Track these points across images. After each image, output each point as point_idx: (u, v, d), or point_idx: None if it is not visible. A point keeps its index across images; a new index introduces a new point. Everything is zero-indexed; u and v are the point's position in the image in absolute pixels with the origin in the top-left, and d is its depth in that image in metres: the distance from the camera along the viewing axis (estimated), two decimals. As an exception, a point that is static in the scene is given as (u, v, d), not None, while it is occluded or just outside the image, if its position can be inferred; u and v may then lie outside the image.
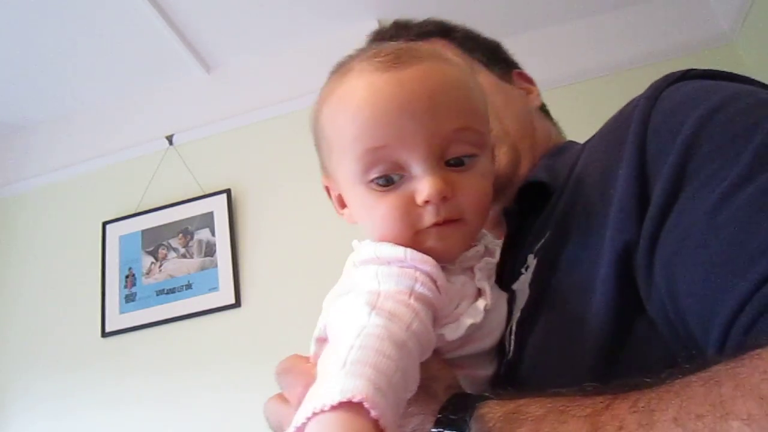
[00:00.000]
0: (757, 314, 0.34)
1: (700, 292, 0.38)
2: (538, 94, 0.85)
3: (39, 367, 2.19)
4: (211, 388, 2.00)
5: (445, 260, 0.49)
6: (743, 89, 0.47)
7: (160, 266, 2.23)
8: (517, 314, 0.53)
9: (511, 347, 0.51)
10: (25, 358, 2.22)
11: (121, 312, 2.18)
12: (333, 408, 0.33)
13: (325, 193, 0.63)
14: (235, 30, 2.40)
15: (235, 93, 2.51)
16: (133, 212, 2.33)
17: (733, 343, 0.35)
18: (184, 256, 2.23)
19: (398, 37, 0.79)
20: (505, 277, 0.59)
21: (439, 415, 0.41)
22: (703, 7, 2.57)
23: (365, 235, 0.53)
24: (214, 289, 2.14)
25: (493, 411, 0.40)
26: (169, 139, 2.45)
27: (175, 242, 2.26)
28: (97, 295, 2.22)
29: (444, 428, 0.40)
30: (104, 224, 2.33)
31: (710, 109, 0.44)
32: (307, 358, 0.54)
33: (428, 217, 0.48)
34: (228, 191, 2.27)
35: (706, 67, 0.52)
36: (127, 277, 2.24)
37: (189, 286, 2.17)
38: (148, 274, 2.23)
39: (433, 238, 0.48)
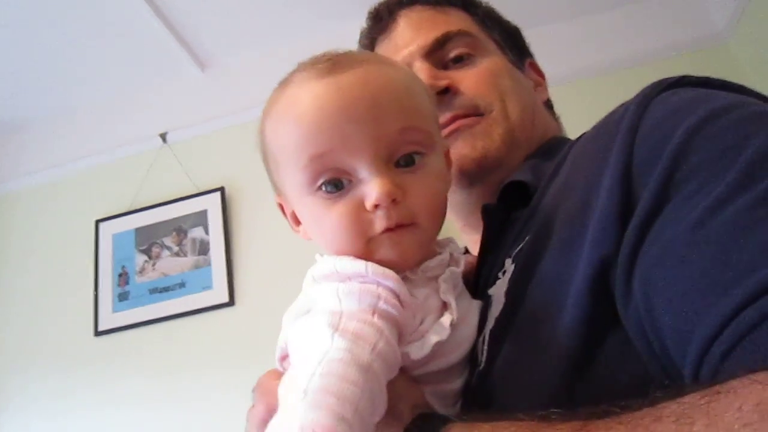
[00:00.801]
0: (736, 340, 0.32)
1: (678, 310, 0.36)
2: (546, 89, 0.85)
3: (32, 366, 2.18)
4: (205, 387, 2.00)
5: (401, 268, 0.47)
6: (736, 100, 0.46)
7: (154, 264, 2.22)
8: (491, 323, 0.51)
9: (484, 356, 0.49)
10: (18, 357, 2.21)
11: (114, 311, 2.17)
12: None
13: None
14: (230, 28, 2.39)
15: (230, 91, 2.50)
16: (126, 210, 2.32)
17: (709, 368, 0.34)
18: (177, 254, 2.22)
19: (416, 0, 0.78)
20: (482, 280, 0.58)
21: None
22: (698, 7, 2.57)
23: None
24: (208, 287, 2.13)
25: None
26: (163, 137, 2.43)
27: (168, 240, 2.25)
28: (89, 293, 2.21)
29: None
30: (97, 222, 2.32)
31: (701, 119, 0.42)
32: (278, 373, 0.52)
33: (379, 222, 0.46)
34: (222, 189, 2.27)
35: (701, 74, 0.51)
36: (120, 275, 2.23)
37: (183, 285, 2.16)
38: (141, 272, 2.22)
39: (386, 245, 0.47)
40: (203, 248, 2.20)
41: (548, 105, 0.85)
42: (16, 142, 2.64)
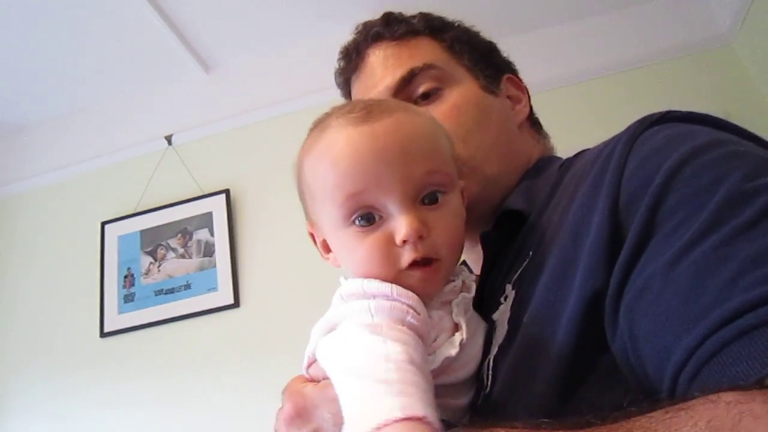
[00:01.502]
0: (700, 367, 0.37)
1: (655, 340, 0.41)
2: (527, 104, 0.84)
3: (37, 367, 2.19)
4: (210, 389, 2.00)
5: (425, 298, 0.52)
6: (715, 138, 0.48)
7: (159, 266, 2.23)
8: (495, 349, 0.55)
9: (489, 380, 0.54)
10: (24, 358, 2.22)
11: (120, 312, 2.18)
12: (396, 422, 0.36)
13: None
14: (234, 30, 2.40)
15: (234, 93, 2.51)
16: (131, 212, 2.33)
17: (680, 391, 0.39)
18: (182, 256, 2.23)
19: (383, 35, 0.79)
20: (485, 305, 0.62)
21: None
22: (702, 8, 2.57)
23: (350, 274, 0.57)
24: (213, 289, 2.14)
25: None
26: (168, 139, 2.45)
27: (173, 242, 2.26)
28: (95, 295, 2.22)
29: None
30: (103, 224, 2.33)
31: (679, 160, 0.46)
32: (307, 379, 0.57)
33: (407, 255, 0.52)
34: (227, 191, 2.27)
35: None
36: (125, 277, 2.24)
37: (188, 287, 2.16)
38: (146, 274, 2.23)
39: (414, 280, 0.52)
40: (208, 250, 2.21)
41: (532, 121, 0.85)
42: (22, 144, 2.66)
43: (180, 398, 2.02)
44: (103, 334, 2.15)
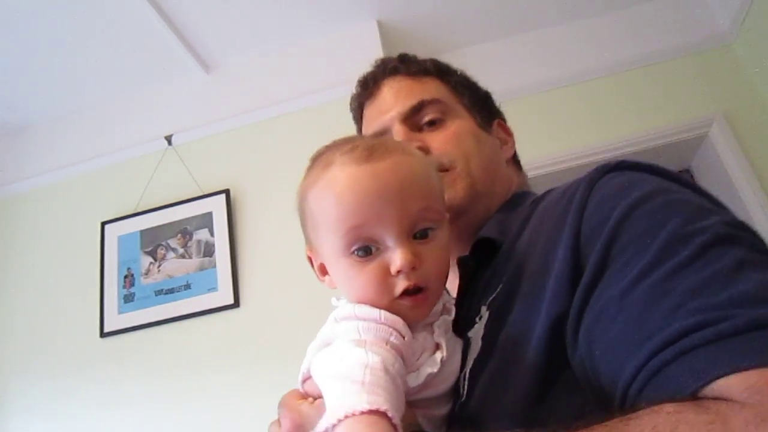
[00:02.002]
0: (646, 381, 0.45)
1: (609, 358, 0.48)
2: (512, 146, 0.96)
3: (37, 367, 2.19)
4: (210, 389, 2.00)
5: (414, 323, 0.59)
6: (659, 187, 0.57)
7: (159, 266, 2.23)
8: (470, 363, 0.62)
9: (465, 391, 0.60)
10: (24, 358, 2.22)
11: (120, 312, 2.18)
12: (362, 413, 0.43)
13: None
14: (235, 30, 2.40)
15: (234, 93, 2.51)
16: (131, 212, 2.34)
17: (630, 401, 0.46)
18: (182, 256, 2.23)
19: (399, 69, 0.92)
20: (460, 322, 0.68)
21: None
22: (702, 8, 2.57)
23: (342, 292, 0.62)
24: (213, 289, 2.14)
25: None
26: (168, 139, 2.45)
27: (173, 242, 2.26)
28: (95, 295, 2.22)
29: None
30: (103, 224, 2.33)
31: (630, 205, 0.54)
32: (300, 394, 0.62)
33: (400, 284, 0.57)
34: (227, 191, 2.28)
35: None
36: (125, 277, 2.24)
37: (188, 287, 2.17)
38: (146, 274, 2.23)
39: (405, 308, 0.58)
40: (208, 250, 2.21)
41: (515, 160, 0.96)
42: (22, 145, 2.66)
43: (180, 398, 2.02)
44: (103, 334, 2.15)
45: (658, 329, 0.45)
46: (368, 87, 0.94)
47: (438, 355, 0.59)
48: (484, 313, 0.65)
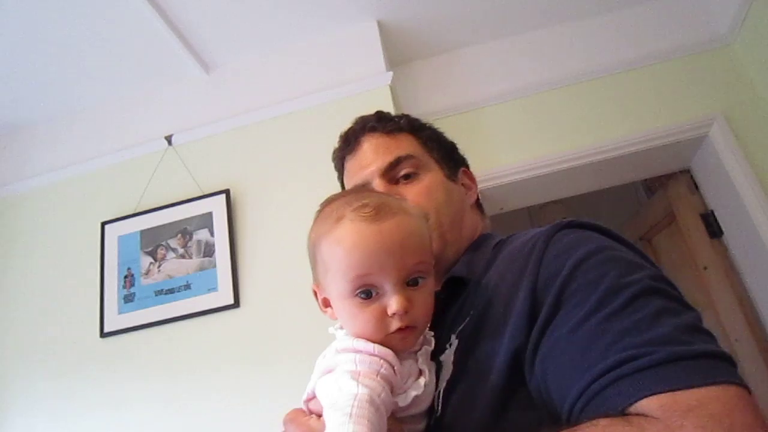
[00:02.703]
0: (587, 402, 0.57)
1: (559, 384, 0.61)
2: (475, 191, 1.08)
3: (37, 367, 2.19)
4: (210, 389, 2.01)
5: (402, 353, 0.71)
6: (601, 245, 0.70)
7: (159, 266, 2.23)
8: (443, 384, 0.74)
9: (439, 408, 0.72)
10: (24, 358, 2.22)
11: (120, 312, 2.18)
12: None
13: (323, 194, 0.81)
14: (235, 30, 2.40)
15: (234, 93, 2.51)
16: (131, 212, 2.34)
17: (574, 418, 0.58)
18: (182, 256, 2.23)
19: (377, 128, 1.03)
20: (434, 349, 0.79)
21: None
22: (701, 9, 2.57)
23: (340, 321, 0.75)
24: (213, 289, 2.14)
25: None
26: (168, 139, 2.45)
27: (173, 242, 2.26)
28: (95, 295, 2.22)
29: None
30: (103, 224, 2.34)
31: (579, 259, 0.68)
32: (305, 413, 0.73)
33: (395, 324, 0.69)
34: (227, 191, 2.28)
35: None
36: (125, 277, 2.24)
37: (188, 287, 2.17)
38: (146, 274, 2.23)
39: (398, 339, 0.69)
40: (208, 250, 2.21)
41: (477, 203, 1.08)
42: (22, 144, 2.66)
43: (180, 398, 2.02)
44: (103, 334, 2.16)
45: (596, 362, 0.58)
46: (349, 143, 1.05)
47: (422, 380, 0.70)
48: (454, 341, 0.78)
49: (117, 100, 2.61)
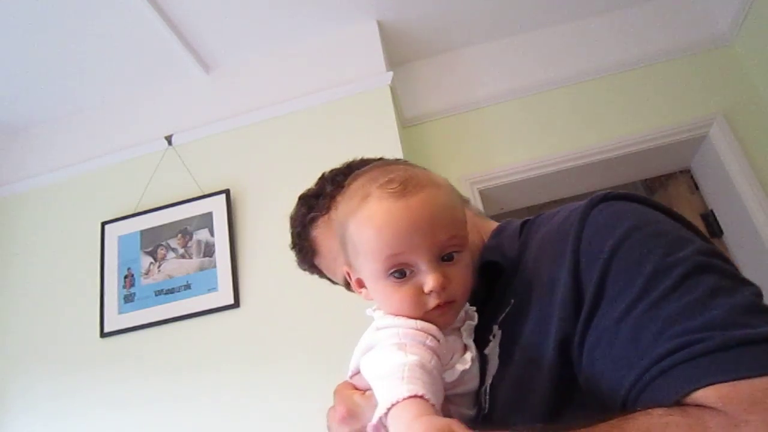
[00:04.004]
0: (638, 394, 0.54)
1: (609, 377, 0.57)
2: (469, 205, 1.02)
3: (38, 367, 2.19)
4: (210, 389, 2.01)
5: (444, 329, 0.68)
6: (643, 220, 0.65)
7: (159, 266, 2.23)
8: (489, 378, 0.70)
9: (487, 404, 0.69)
10: (24, 358, 2.22)
11: (120, 312, 2.18)
12: (404, 399, 0.53)
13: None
14: (235, 31, 2.40)
15: (235, 93, 2.51)
16: (132, 212, 2.34)
17: (628, 408, 0.55)
18: (183, 256, 2.23)
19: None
20: (477, 341, 0.76)
21: None
22: (702, 8, 2.57)
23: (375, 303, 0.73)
24: (213, 289, 2.14)
25: None
26: (168, 139, 2.45)
27: (174, 242, 2.26)
28: (95, 295, 2.22)
29: None
30: (103, 224, 2.34)
31: (619, 239, 0.62)
32: (351, 385, 0.73)
33: (432, 301, 0.66)
34: (227, 191, 2.28)
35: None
36: (125, 277, 2.24)
37: (188, 287, 2.17)
38: (146, 274, 2.23)
39: (436, 316, 0.67)
40: (208, 250, 2.21)
41: (479, 213, 1.04)
42: (22, 144, 2.66)
43: (180, 398, 2.02)
44: (103, 334, 2.16)
45: (646, 352, 0.55)
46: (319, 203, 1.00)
47: (468, 355, 0.69)
48: (497, 332, 0.74)
49: (117, 100, 2.61)
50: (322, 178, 1.01)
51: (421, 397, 0.53)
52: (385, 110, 2.30)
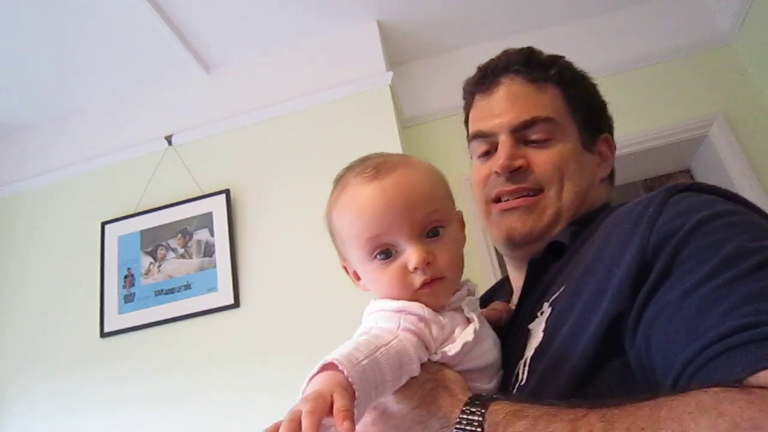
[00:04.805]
0: (696, 371, 0.51)
1: (665, 350, 0.55)
2: (611, 163, 0.96)
3: (38, 367, 2.19)
4: (210, 388, 2.01)
5: (438, 308, 0.68)
6: (727, 209, 0.63)
7: (159, 266, 2.23)
8: (530, 352, 0.69)
9: (525, 375, 0.68)
10: (24, 358, 2.22)
11: (120, 312, 2.18)
12: (318, 371, 0.55)
13: (324, 194, 0.77)
14: (235, 30, 2.40)
15: (234, 93, 2.51)
16: (132, 212, 2.34)
17: (681, 385, 0.52)
18: (183, 256, 2.23)
19: (520, 72, 0.91)
20: (523, 315, 0.76)
21: (464, 407, 0.58)
22: (702, 8, 2.57)
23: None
24: (213, 289, 2.14)
25: (503, 407, 0.57)
26: (168, 139, 2.45)
27: (174, 242, 2.26)
28: (95, 295, 2.22)
29: (467, 415, 0.57)
30: (103, 224, 2.34)
31: (697, 221, 0.60)
32: None
33: (418, 279, 0.67)
34: (227, 191, 2.28)
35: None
36: (125, 277, 2.24)
37: (188, 287, 2.17)
38: (146, 274, 2.23)
39: (426, 295, 0.67)
40: (208, 250, 2.21)
41: (610, 176, 0.96)
42: (22, 145, 2.66)
43: (180, 398, 2.02)
44: (103, 334, 2.16)
45: (711, 327, 0.52)
46: (486, 80, 0.93)
47: (471, 327, 0.68)
48: (546, 309, 0.72)
49: (117, 100, 2.61)
50: None
51: (331, 365, 0.54)
52: (385, 110, 2.30)
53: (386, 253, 0.68)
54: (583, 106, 0.92)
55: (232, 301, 2.09)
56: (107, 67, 2.44)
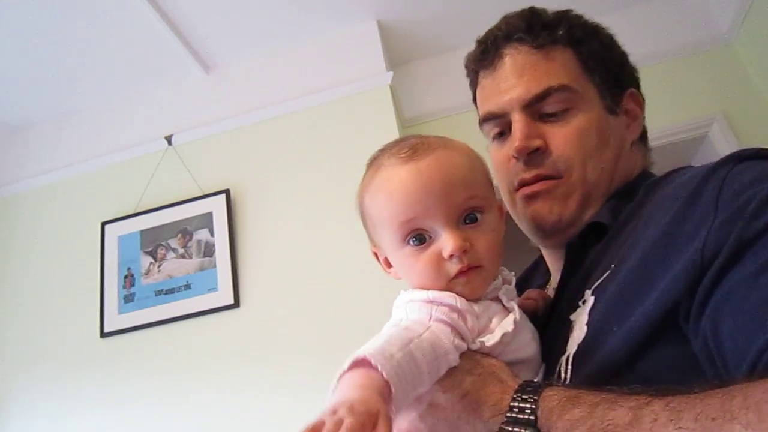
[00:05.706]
0: None
1: (737, 335, 0.49)
2: (641, 123, 0.87)
3: (38, 367, 2.19)
4: (210, 389, 2.01)
5: (474, 298, 0.64)
6: None
7: (159, 266, 2.23)
8: (573, 347, 0.63)
9: (568, 374, 0.62)
10: (24, 358, 2.22)
11: (120, 312, 2.18)
12: (348, 369, 0.51)
13: (324, 195, 0.73)
14: (235, 30, 2.40)
15: (235, 93, 2.51)
16: (132, 212, 2.34)
17: (757, 375, 0.45)
18: (183, 256, 2.23)
19: (525, 39, 0.82)
20: (564, 305, 0.70)
21: (515, 394, 0.54)
22: (702, 8, 2.57)
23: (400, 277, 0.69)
24: (213, 289, 2.14)
25: (558, 394, 0.53)
26: (168, 139, 2.45)
27: (174, 242, 2.26)
28: (95, 295, 2.22)
29: (519, 403, 0.53)
30: (103, 224, 2.34)
31: (764, 199, 0.53)
32: None
33: (454, 267, 0.63)
34: (227, 191, 2.28)
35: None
36: (125, 277, 2.24)
37: (188, 287, 2.17)
38: (146, 274, 2.23)
39: (461, 284, 0.63)
40: (208, 250, 2.21)
41: (642, 136, 0.88)
42: (22, 144, 2.66)
43: (180, 398, 2.02)
44: (103, 334, 2.16)
45: None
46: (487, 54, 0.85)
47: (510, 317, 0.64)
48: (589, 297, 0.66)
49: (117, 100, 2.61)
50: None
51: (364, 362, 0.51)
52: (385, 110, 2.30)
53: (420, 238, 0.64)
54: (601, 65, 0.83)
55: (232, 301, 2.09)
56: (107, 67, 2.44)
